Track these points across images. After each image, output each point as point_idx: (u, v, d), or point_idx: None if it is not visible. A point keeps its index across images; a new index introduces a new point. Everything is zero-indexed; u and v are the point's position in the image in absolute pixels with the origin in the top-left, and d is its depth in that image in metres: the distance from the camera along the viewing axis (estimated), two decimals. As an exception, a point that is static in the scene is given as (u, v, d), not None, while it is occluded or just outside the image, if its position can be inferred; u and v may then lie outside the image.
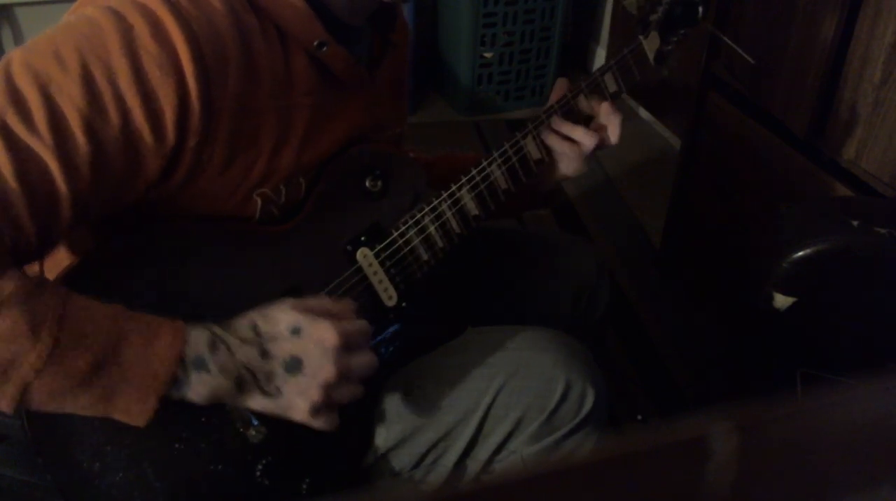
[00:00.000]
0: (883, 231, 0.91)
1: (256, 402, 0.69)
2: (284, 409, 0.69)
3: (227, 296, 0.73)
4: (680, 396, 1.54)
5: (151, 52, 0.64)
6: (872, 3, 1.15)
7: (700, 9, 0.99)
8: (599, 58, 2.85)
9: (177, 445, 0.71)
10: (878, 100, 1.15)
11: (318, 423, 0.70)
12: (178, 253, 0.73)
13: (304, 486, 0.79)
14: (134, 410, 0.64)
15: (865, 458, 0.29)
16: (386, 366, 0.86)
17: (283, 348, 0.68)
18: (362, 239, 0.83)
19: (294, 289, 0.78)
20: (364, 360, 0.71)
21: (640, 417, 1.48)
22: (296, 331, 0.68)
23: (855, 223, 0.93)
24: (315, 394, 0.68)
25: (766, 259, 0.98)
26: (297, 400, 0.69)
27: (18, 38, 2.23)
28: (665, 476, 0.27)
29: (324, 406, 0.69)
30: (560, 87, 0.95)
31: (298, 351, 0.68)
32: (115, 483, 0.71)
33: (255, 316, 0.70)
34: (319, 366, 0.68)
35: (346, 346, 0.69)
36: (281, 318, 0.69)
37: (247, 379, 0.68)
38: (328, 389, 0.69)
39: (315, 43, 0.75)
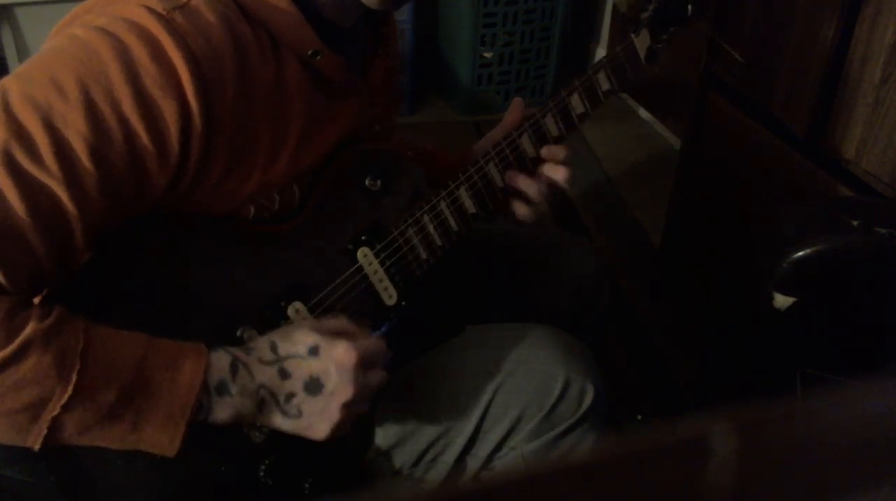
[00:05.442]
0: (883, 231, 0.91)
1: (276, 422, 0.70)
2: (304, 429, 0.71)
3: (228, 296, 0.74)
4: (680, 396, 1.54)
5: (151, 73, 0.64)
6: (872, 3, 1.14)
7: (689, 7, 0.99)
8: (599, 57, 2.85)
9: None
10: (878, 100, 1.15)
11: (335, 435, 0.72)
12: (179, 254, 0.73)
13: (306, 486, 0.80)
14: (163, 440, 0.65)
15: (866, 458, 0.29)
16: (386, 364, 0.86)
17: (303, 368, 0.69)
18: (363, 238, 0.83)
19: (294, 288, 0.78)
20: (377, 377, 0.73)
21: (640, 417, 1.48)
22: (314, 352, 0.69)
23: (855, 223, 0.93)
24: (335, 415, 0.70)
25: (766, 259, 0.98)
26: (318, 422, 0.70)
27: (18, 38, 2.23)
28: (665, 476, 0.27)
29: (344, 424, 0.71)
30: (516, 108, 0.94)
31: (318, 372, 0.69)
32: (118, 483, 0.71)
33: (275, 337, 0.71)
34: (339, 387, 0.69)
35: (364, 365, 0.71)
36: (300, 339, 0.70)
37: (267, 400, 0.69)
38: (348, 408, 0.70)
39: (309, 52, 0.74)
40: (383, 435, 0.86)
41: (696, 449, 0.27)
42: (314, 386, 0.69)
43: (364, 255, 0.82)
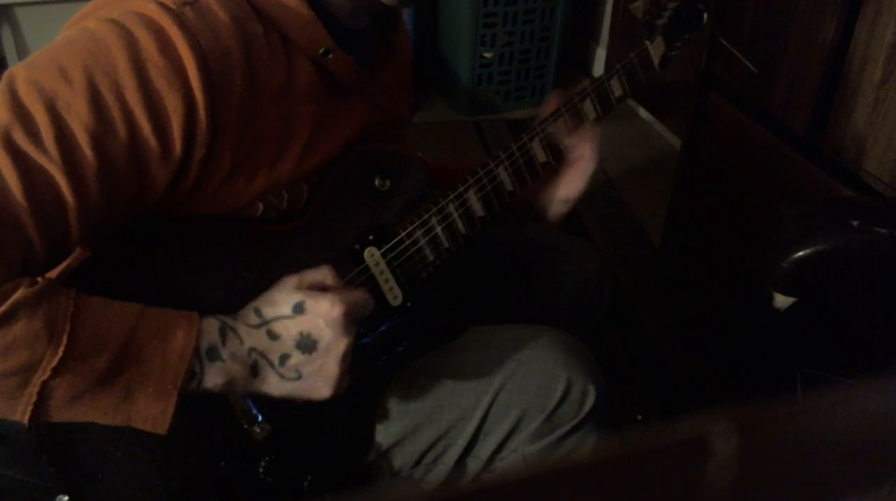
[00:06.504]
0: (883, 231, 0.91)
1: (275, 387, 0.70)
2: (305, 391, 0.70)
3: (231, 295, 0.74)
4: (680, 396, 1.54)
5: (158, 65, 0.64)
6: (872, 3, 1.15)
7: (705, 14, 0.99)
8: (599, 58, 2.85)
9: (180, 442, 0.71)
10: (878, 100, 1.15)
11: (337, 392, 0.72)
12: (183, 252, 0.73)
13: (306, 483, 0.80)
14: (155, 410, 0.64)
15: (866, 458, 0.29)
16: (388, 365, 0.86)
17: (291, 328, 0.69)
18: (370, 238, 0.83)
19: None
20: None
21: (640, 417, 1.48)
22: (299, 309, 0.69)
23: (855, 223, 0.93)
24: (334, 370, 0.69)
25: (766, 259, 0.98)
26: (318, 381, 0.70)
27: (18, 38, 2.24)
28: (665, 476, 0.27)
29: (343, 378, 0.71)
30: (554, 99, 0.94)
31: (307, 328, 0.69)
32: (118, 479, 0.71)
33: (258, 302, 0.71)
34: (333, 341, 0.69)
35: (351, 315, 0.70)
36: (282, 299, 0.70)
37: (260, 364, 0.69)
38: (345, 361, 0.70)
39: (320, 51, 0.74)
40: (384, 434, 0.86)
41: (696, 449, 0.27)
42: (307, 344, 0.69)
43: (371, 255, 0.82)
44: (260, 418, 0.75)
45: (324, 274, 0.72)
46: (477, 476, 0.88)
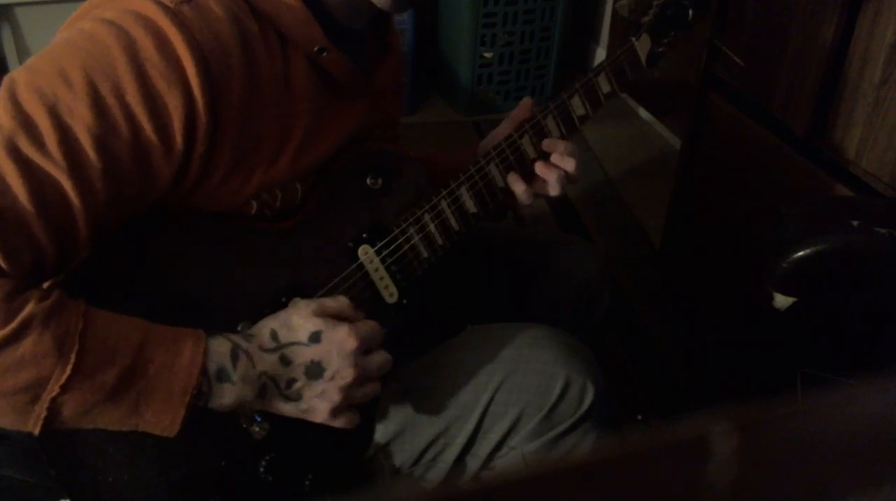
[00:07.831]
0: (883, 231, 0.91)
1: (277, 406, 0.71)
2: (304, 412, 0.71)
3: (229, 292, 0.74)
4: (680, 396, 1.54)
5: (157, 64, 0.64)
6: (872, 3, 1.15)
7: (690, 12, 0.99)
8: (599, 58, 2.85)
9: (180, 442, 0.71)
10: (878, 100, 1.15)
11: (339, 423, 0.73)
12: (180, 251, 0.73)
13: (307, 482, 0.80)
14: (164, 422, 0.65)
15: (866, 458, 0.29)
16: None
17: (304, 355, 0.70)
18: (364, 236, 0.83)
19: (295, 285, 0.78)
20: (380, 360, 0.74)
21: (640, 417, 1.48)
22: (315, 338, 0.70)
23: (855, 223, 0.93)
24: (335, 397, 0.71)
25: (766, 259, 0.98)
26: (318, 404, 0.71)
27: (18, 38, 2.23)
28: (665, 476, 0.27)
29: (344, 407, 0.72)
30: (525, 106, 0.94)
31: (319, 357, 0.70)
32: (118, 479, 0.71)
33: (275, 325, 0.71)
34: (339, 370, 0.70)
35: (364, 348, 0.71)
36: (300, 325, 0.70)
37: (269, 386, 0.69)
38: (348, 391, 0.71)
39: (315, 49, 0.74)
40: (383, 432, 0.86)
41: (696, 449, 0.27)
42: (315, 371, 0.70)
43: (365, 253, 0.83)
44: (258, 418, 0.75)
45: (340, 303, 0.74)
46: (476, 475, 0.88)
